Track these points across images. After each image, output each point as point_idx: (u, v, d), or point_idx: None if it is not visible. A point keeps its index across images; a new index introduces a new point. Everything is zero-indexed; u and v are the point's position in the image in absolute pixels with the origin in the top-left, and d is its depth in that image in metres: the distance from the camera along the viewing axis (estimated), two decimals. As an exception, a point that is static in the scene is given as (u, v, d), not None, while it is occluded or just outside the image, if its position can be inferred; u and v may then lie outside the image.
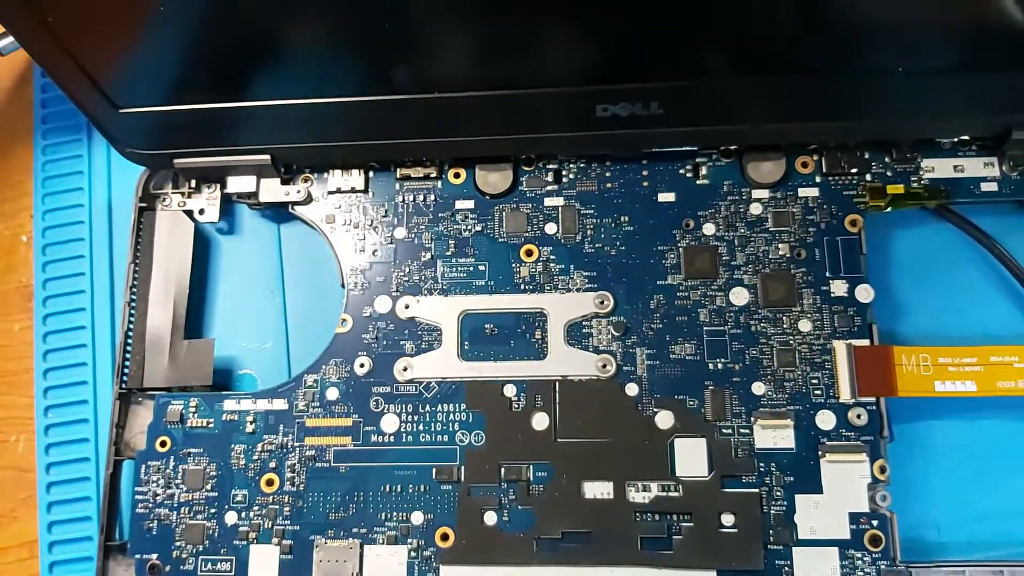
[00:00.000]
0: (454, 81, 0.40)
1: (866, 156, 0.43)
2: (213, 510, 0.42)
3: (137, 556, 0.42)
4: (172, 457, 0.43)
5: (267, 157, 0.43)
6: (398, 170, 0.45)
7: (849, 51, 0.38)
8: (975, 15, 0.36)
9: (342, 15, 0.37)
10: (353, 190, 0.45)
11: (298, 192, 0.45)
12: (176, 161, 0.44)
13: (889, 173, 0.43)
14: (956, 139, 0.43)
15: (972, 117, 0.41)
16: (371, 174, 0.45)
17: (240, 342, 0.46)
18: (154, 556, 0.42)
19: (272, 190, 0.45)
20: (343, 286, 0.44)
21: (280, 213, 0.47)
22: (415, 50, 0.39)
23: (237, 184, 0.45)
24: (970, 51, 0.37)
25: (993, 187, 0.42)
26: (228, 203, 0.47)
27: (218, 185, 0.46)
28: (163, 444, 0.43)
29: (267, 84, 0.40)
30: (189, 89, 0.41)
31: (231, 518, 0.42)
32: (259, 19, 0.38)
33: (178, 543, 0.42)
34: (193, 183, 0.46)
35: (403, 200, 0.45)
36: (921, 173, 0.43)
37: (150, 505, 0.42)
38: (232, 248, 0.47)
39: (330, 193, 0.45)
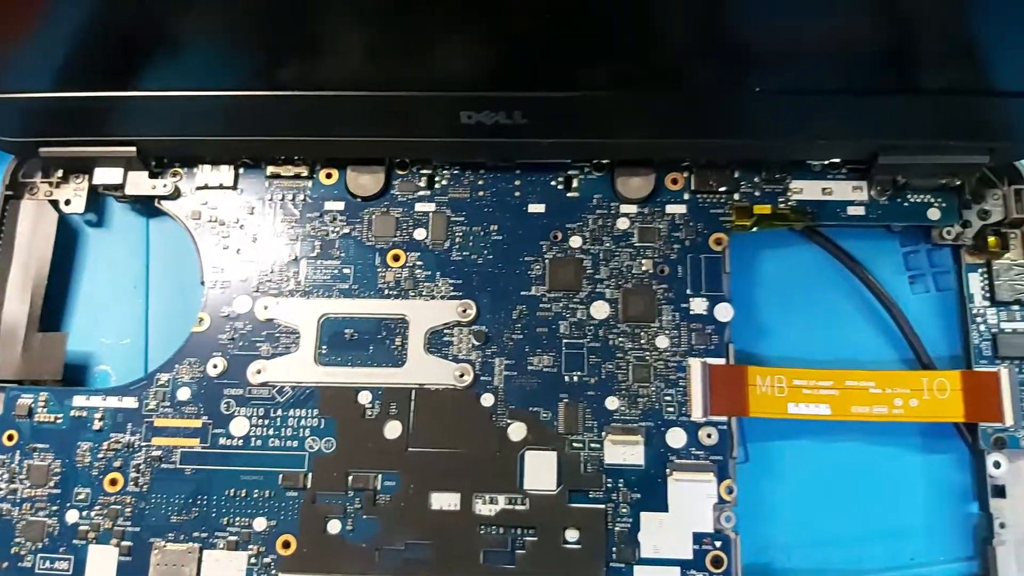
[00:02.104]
0: (326, 80, 0.39)
1: (736, 175, 0.43)
2: (55, 507, 0.41)
3: (-27, 552, 0.41)
4: (18, 451, 0.42)
5: (132, 149, 0.43)
6: (268, 168, 0.44)
7: (720, 70, 0.38)
8: (845, 39, 0.36)
9: (217, 7, 0.37)
10: (221, 186, 0.44)
11: (164, 186, 0.44)
12: (42, 150, 0.43)
13: (758, 193, 0.43)
14: (826, 161, 0.43)
15: (841, 140, 0.41)
16: (241, 171, 0.44)
17: (100, 337, 0.45)
18: (-10, 552, 0.41)
19: (139, 183, 0.44)
20: (203, 283, 0.43)
21: (150, 207, 0.46)
22: (288, 47, 0.38)
23: (104, 176, 0.44)
24: (840, 74, 0.38)
25: (860, 211, 0.43)
26: (97, 195, 0.46)
27: (86, 176, 0.45)
28: (10, 438, 0.42)
29: (136, 74, 0.40)
30: (57, 77, 0.40)
31: (72, 516, 0.41)
32: (130, 7, 0.37)
33: (17, 539, 0.40)
34: (61, 173, 0.45)
35: (271, 199, 0.44)
36: (789, 194, 0.43)
37: (-8, 500, 0.41)
38: (99, 241, 0.46)
39: (198, 188, 0.44)
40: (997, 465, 0.40)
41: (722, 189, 0.43)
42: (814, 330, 0.43)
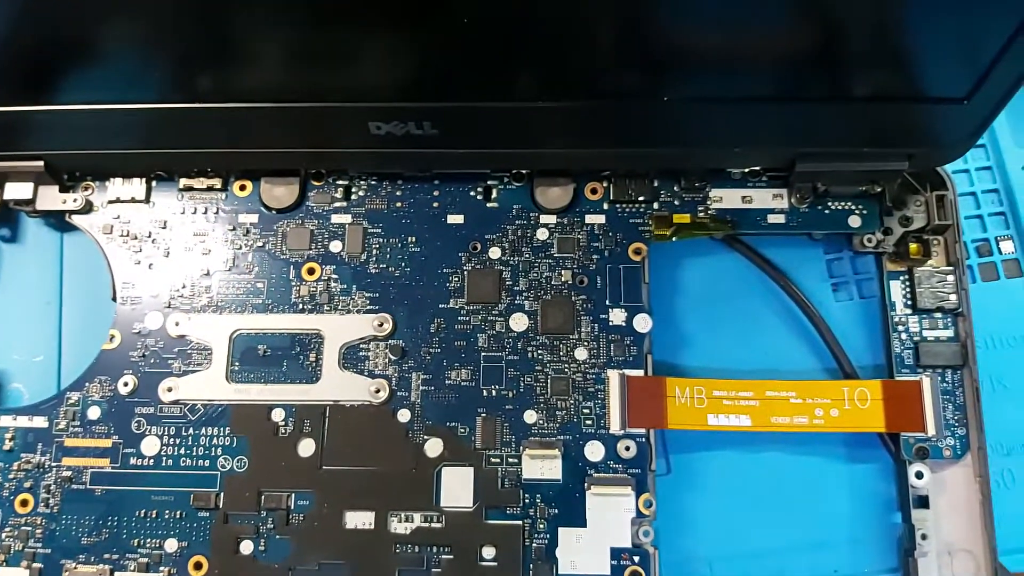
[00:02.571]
0: (238, 91, 0.38)
1: (655, 184, 0.42)
2: (-37, 531, 0.40)
3: None
4: (-75, 473, 0.41)
5: (40, 164, 0.42)
6: (182, 180, 0.43)
7: (630, 79, 0.37)
8: (758, 46, 0.35)
9: (125, 19, 0.36)
10: (133, 200, 0.43)
11: (75, 201, 0.43)
12: (-52, 165, 0.43)
13: (677, 202, 0.42)
14: (746, 170, 0.42)
15: (758, 148, 0.41)
16: (154, 184, 0.44)
17: (12, 354, 0.44)
18: None
19: (50, 198, 0.43)
20: (114, 299, 0.42)
21: (63, 222, 0.45)
22: (200, 58, 0.37)
23: (14, 191, 0.43)
24: (753, 82, 0.37)
25: (780, 219, 0.42)
26: (9, 210, 0.45)
27: (-6, 191, 0.44)
28: (-85, 459, 0.41)
29: (44, 88, 0.38)
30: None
31: (-19, 539, 0.40)
32: (39, 21, 0.36)
33: (-76, 565, 0.40)
34: (-30, 188, 0.44)
35: (184, 212, 0.43)
36: (709, 203, 0.42)
37: None
38: (11, 257, 0.45)
39: (110, 203, 0.43)
40: (920, 475, 0.40)
41: (641, 199, 0.42)
42: (736, 339, 0.43)
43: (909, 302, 0.41)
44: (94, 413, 0.41)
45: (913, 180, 0.42)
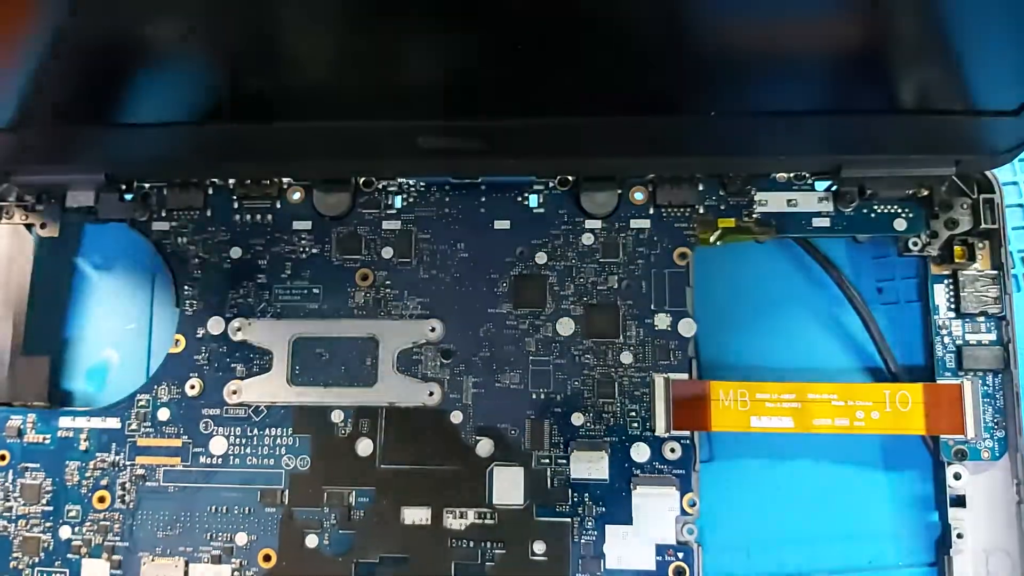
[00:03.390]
0: (290, 111, 0.39)
1: (700, 189, 0.43)
2: (48, 524, 0.43)
3: (-27, 567, 0.43)
4: (11, 471, 0.44)
5: (101, 176, 0.43)
6: (238, 189, 0.45)
7: (683, 94, 0.37)
8: (806, 59, 0.35)
9: (183, 45, 0.36)
10: (191, 208, 0.45)
11: (136, 209, 0.45)
12: (13, 178, 0.44)
13: (722, 206, 0.43)
14: (792, 174, 0.43)
15: (804, 156, 0.41)
16: (210, 192, 0.45)
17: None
18: (-10, 567, 0.43)
19: (112, 206, 0.45)
20: (177, 306, 0.44)
21: (124, 230, 0.46)
22: (256, 80, 0.38)
23: (76, 199, 0.45)
24: (800, 95, 0.37)
25: (825, 222, 0.42)
26: (71, 218, 0.46)
27: (59, 200, 0.45)
28: (2, 458, 0.44)
29: (105, 107, 0.39)
30: (25, 110, 0.40)
31: (65, 532, 0.43)
32: (97, 53, 0.37)
33: (15, 554, 0.43)
34: (34, 198, 0.45)
35: (240, 220, 0.45)
36: (754, 207, 0.43)
37: (-11, 517, 0.43)
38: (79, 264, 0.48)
39: (169, 211, 0.45)
40: (957, 476, 0.41)
41: (686, 203, 0.43)
42: (780, 340, 0.44)
43: (952, 306, 0.42)
44: (164, 415, 0.43)
45: (960, 183, 0.42)
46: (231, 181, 0.45)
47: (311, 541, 0.41)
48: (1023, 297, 0.44)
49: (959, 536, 0.40)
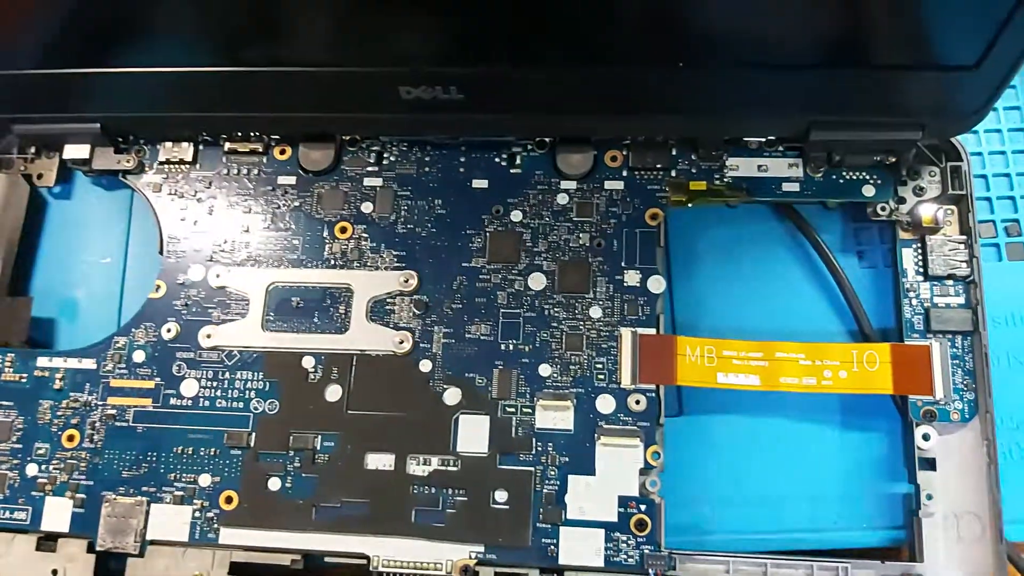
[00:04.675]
0: (277, 56, 0.41)
1: (673, 152, 0.44)
2: (16, 461, 0.43)
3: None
4: (-15, 410, 0.44)
5: (96, 126, 0.45)
6: (227, 144, 0.46)
7: (646, 45, 0.39)
8: (774, 12, 0.37)
9: None
10: (182, 161, 0.46)
11: (128, 161, 0.46)
12: (16, 127, 0.46)
13: (694, 170, 0.44)
14: (763, 139, 0.44)
15: (774, 116, 0.42)
16: (201, 147, 0.47)
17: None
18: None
19: (105, 158, 0.47)
20: (161, 253, 0.45)
21: (115, 181, 0.48)
22: (245, 25, 0.40)
23: (73, 151, 0.46)
24: (768, 49, 0.38)
25: (795, 187, 0.43)
26: (67, 169, 0.48)
27: (57, 152, 0.47)
28: (-24, 397, 0.45)
29: (101, 52, 0.42)
30: (29, 55, 0.43)
31: (32, 470, 0.43)
32: None
33: (-20, 492, 0.43)
34: (34, 149, 0.48)
35: (227, 173, 0.46)
36: (725, 171, 0.44)
37: (-44, 454, 0.44)
38: (66, 212, 0.49)
39: (160, 163, 0.47)
40: (927, 438, 0.40)
41: (659, 166, 0.44)
42: (753, 302, 0.44)
43: (920, 269, 0.42)
44: (139, 356, 0.44)
45: (928, 151, 0.42)
46: (221, 136, 0.46)
47: (273, 484, 0.41)
48: (1005, 267, 0.44)
49: (929, 497, 0.39)
